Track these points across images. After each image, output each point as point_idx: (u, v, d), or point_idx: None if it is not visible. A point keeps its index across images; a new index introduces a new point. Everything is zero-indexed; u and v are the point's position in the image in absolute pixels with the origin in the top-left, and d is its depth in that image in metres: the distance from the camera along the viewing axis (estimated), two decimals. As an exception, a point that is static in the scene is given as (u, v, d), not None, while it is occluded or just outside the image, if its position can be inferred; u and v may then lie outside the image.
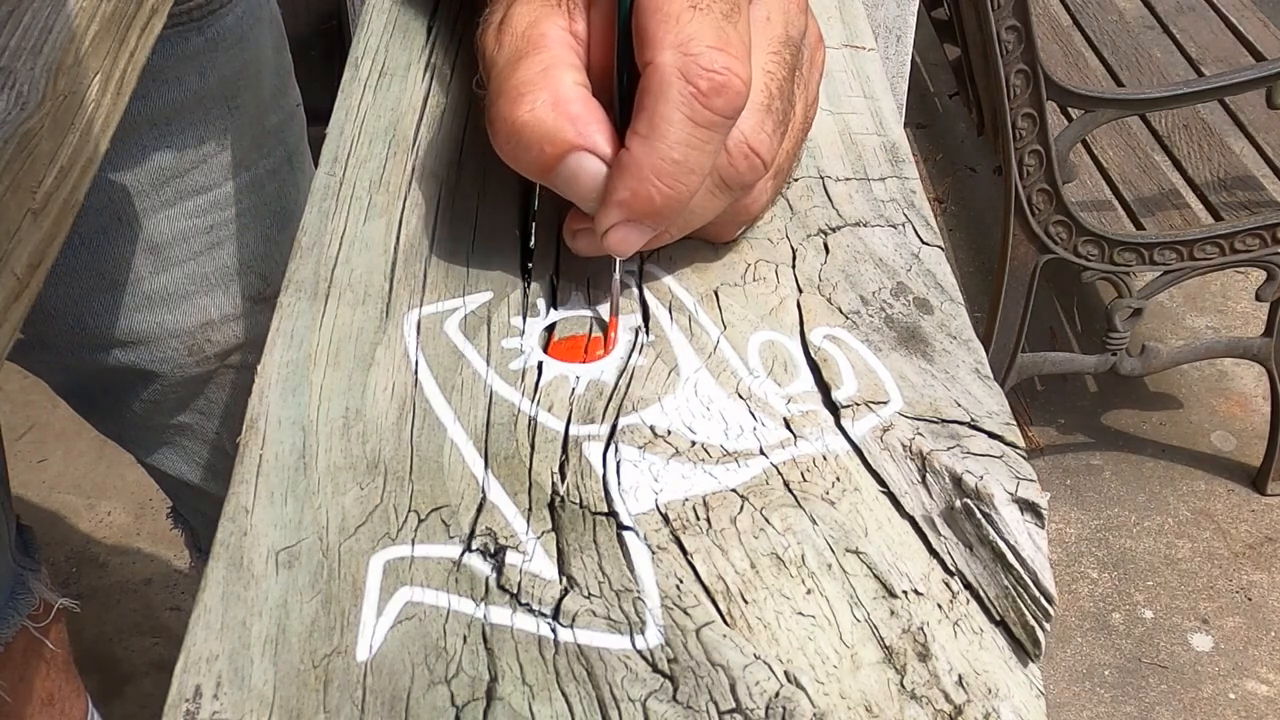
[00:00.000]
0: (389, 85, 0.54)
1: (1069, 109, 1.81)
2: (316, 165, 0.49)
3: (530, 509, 0.35)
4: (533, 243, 0.45)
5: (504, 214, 0.46)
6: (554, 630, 0.31)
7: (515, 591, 0.32)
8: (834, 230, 0.46)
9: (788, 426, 0.37)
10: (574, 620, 0.32)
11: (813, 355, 0.40)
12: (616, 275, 0.42)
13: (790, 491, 0.35)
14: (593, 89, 0.41)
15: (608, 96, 0.41)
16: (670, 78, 0.38)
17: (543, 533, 0.34)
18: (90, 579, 1.92)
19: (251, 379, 0.39)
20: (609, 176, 0.40)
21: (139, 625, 1.85)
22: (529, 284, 0.43)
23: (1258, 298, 1.83)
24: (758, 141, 0.40)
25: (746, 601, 0.32)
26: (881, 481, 0.36)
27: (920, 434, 0.37)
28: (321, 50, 2.18)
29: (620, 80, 0.41)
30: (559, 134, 0.40)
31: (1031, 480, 0.35)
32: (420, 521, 0.34)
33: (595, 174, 0.40)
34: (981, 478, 0.34)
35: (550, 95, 0.40)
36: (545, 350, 0.40)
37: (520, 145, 0.40)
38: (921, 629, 0.32)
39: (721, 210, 0.42)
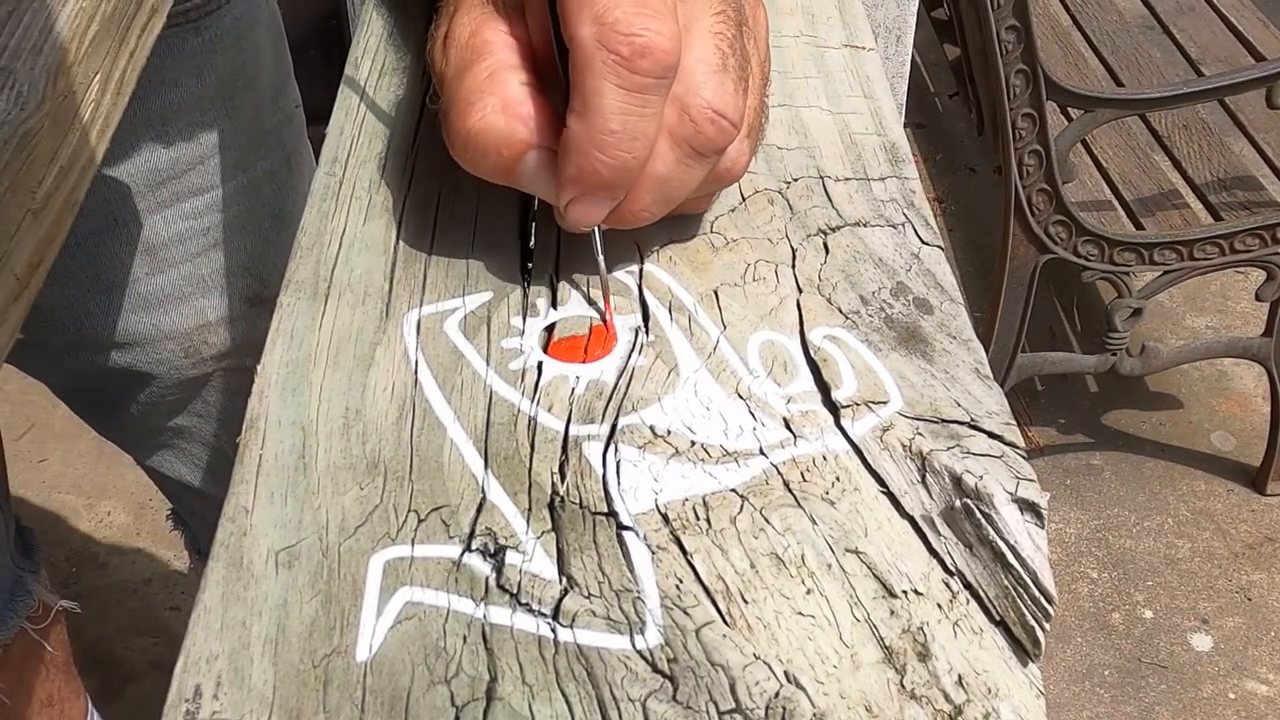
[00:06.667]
0: (389, 85, 0.53)
1: (1069, 109, 1.81)
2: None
3: (530, 509, 0.35)
4: (533, 243, 0.45)
5: (504, 214, 0.46)
6: (554, 630, 0.31)
7: (515, 591, 0.32)
8: (834, 230, 0.45)
9: (787, 426, 0.37)
10: (574, 620, 0.32)
11: (812, 355, 0.40)
12: (600, 258, 0.42)
13: (790, 491, 0.35)
14: (545, 85, 0.41)
15: (560, 91, 0.41)
16: (592, 50, 0.37)
17: (542, 533, 0.34)
18: (90, 579, 1.92)
19: (248, 381, 0.39)
20: (559, 158, 0.40)
21: (139, 625, 1.85)
22: (529, 284, 0.43)
23: (1258, 298, 1.83)
24: (721, 104, 0.40)
25: (746, 601, 0.32)
26: (881, 481, 0.36)
27: (920, 434, 0.37)
28: (320, 50, 2.18)
29: (564, 70, 0.41)
30: (512, 136, 0.40)
31: (1031, 480, 0.35)
32: (420, 521, 0.34)
33: (554, 169, 0.40)
34: (981, 478, 0.34)
35: (498, 99, 0.40)
36: (545, 350, 0.40)
37: (477, 152, 0.40)
38: (921, 629, 0.32)
39: (702, 179, 0.41)
